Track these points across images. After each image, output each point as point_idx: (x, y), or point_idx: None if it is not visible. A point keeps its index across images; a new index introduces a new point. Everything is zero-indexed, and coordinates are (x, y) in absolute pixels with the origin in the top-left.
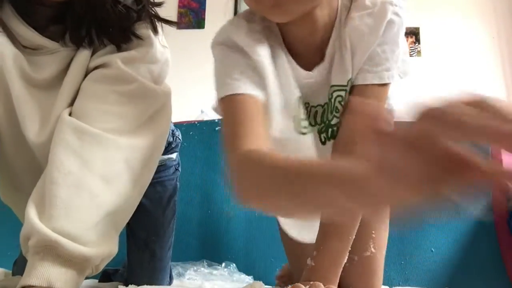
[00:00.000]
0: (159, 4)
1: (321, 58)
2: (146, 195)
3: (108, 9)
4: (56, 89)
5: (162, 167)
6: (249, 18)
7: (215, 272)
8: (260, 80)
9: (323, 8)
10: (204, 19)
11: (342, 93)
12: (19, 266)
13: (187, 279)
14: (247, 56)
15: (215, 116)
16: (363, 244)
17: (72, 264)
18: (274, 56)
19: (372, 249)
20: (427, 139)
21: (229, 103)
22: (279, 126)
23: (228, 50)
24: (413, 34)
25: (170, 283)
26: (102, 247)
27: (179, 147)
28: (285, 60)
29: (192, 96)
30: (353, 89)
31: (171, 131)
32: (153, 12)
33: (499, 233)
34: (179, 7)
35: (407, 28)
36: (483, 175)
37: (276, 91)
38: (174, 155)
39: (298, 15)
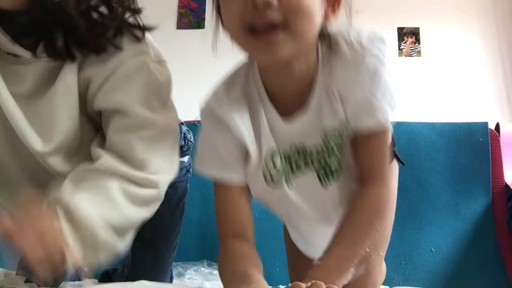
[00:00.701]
0: (137, 11)
1: (304, 105)
2: None
3: (74, 17)
4: (39, 100)
5: None
6: (228, 86)
7: (215, 272)
8: (241, 152)
9: (300, 57)
10: (204, 19)
11: (336, 133)
12: (23, 268)
13: (188, 279)
14: (228, 130)
15: None
16: None
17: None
18: (254, 115)
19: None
20: None
21: (217, 187)
22: (257, 185)
23: (212, 126)
24: (413, 34)
25: (170, 282)
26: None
27: (191, 149)
28: (264, 115)
29: (192, 96)
30: (354, 136)
31: (182, 134)
32: (129, 20)
33: (499, 233)
34: (179, 7)
35: (407, 28)
36: None
37: (255, 152)
38: (185, 158)
39: (288, 56)
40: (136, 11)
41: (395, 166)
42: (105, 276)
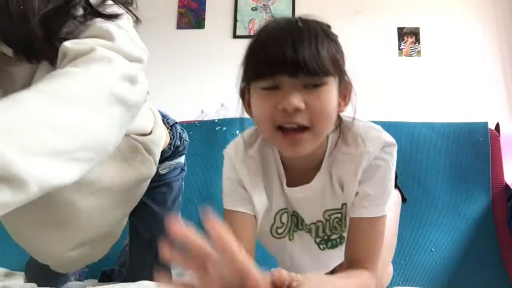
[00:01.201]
0: (126, 3)
1: (309, 183)
2: (151, 196)
3: (33, 27)
4: None
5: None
6: (247, 145)
7: None
8: (250, 198)
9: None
10: (204, 19)
11: (339, 215)
12: (31, 268)
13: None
14: (240, 182)
15: (215, 116)
16: None
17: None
18: (267, 175)
19: None
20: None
21: (225, 213)
22: (261, 228)
23: (231, 170)
24: (413, 34)
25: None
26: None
27: (186, 149)
28: (278, 179)
29: (192, 96)
30: (350, 221)
31: (178, 134)
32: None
33: (499, 233)
34: (179, 7)
35: (407, 28)
36: None
37: (263, 204)
38: (181, 158)
39: (309, 151)
40: (127, 3)
41: (398, 200)
42: (105, 276)
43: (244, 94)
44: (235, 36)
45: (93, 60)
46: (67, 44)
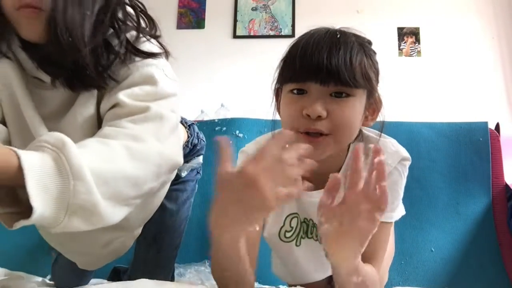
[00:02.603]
0: (156, 37)
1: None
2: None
3: (83, 56)
4: (62, 120)
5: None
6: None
7: None
8: None
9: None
10: (204, 19)
11: None
12: (59, 267)
13: (188, 278)
14: None
15: (215, 116)
16: None
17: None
18: None
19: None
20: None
21: None
22: (268, 229)
23: None
24: (413, 34)
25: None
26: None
27: (204, 149)
28: None
29: (192, 96)
30: None
31: (195, 133)
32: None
33: (499, 233)
34: (179, 7)
35: (407, 28)
36: None
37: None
38: (200, 159)
39: (327, 156)
40: (155, 36)
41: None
42: (115, 273)
43: (278, 94)
44: (235, 36)
45: (148, 119)
46: (123, 97)
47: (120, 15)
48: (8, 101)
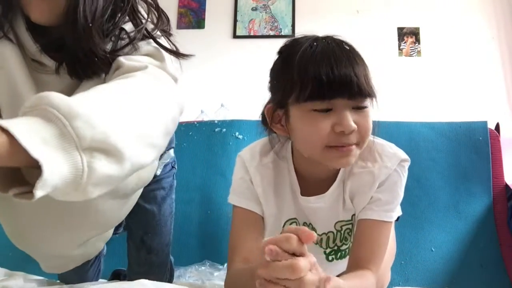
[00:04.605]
0: (170, 34)
1: (324, 193)
2: (142, 195)
3: (96, 44)
4: None
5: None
6: (262, 154)
7: (216, 273)
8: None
9: None
10: (204, 19)
11: (350, 226)
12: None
13: (188, 278)
14: (251, 185)
15: (214, 116)
16: None
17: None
18: (278, 186)
19: None
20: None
21: (236, 212)
22: (268, 234)
23: (243, 171)
24: (413, 34)
25: (170, 280)
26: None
27: (174, 142)
28: (290, 189)
29: (192, 96)
30: (358, 222)
31: None
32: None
33: (500, 232)
34: (179, 7)
35: (407, 28)
36: None
37: (272, 211)
38: (171, 151)
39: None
40: (169, 34)
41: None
42: (115, 276)
43: (274, 111)
44: (235, 36)
45: (149, 73)
46: (122, 59)
47: (139, 7)
48: (3, 81)
